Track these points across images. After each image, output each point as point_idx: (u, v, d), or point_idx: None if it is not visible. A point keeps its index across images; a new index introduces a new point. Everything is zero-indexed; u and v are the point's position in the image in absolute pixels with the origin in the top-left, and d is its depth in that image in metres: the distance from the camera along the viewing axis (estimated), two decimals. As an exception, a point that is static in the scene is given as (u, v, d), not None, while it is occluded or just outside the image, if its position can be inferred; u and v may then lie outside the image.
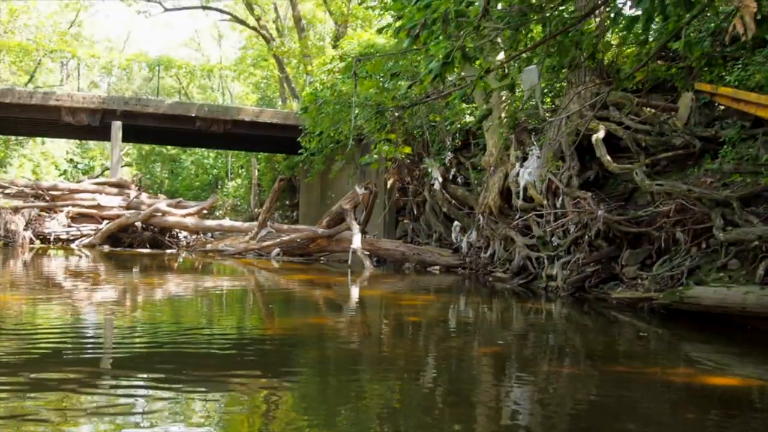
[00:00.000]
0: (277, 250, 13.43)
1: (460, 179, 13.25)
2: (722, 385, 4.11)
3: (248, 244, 14.02)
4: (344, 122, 12.25)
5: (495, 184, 10.89)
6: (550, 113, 10.73)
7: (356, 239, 12.11)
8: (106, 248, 14.91)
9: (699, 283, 6.52)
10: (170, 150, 34.75)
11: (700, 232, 7.18)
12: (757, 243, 6.27)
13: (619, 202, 8.65)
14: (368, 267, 11.56)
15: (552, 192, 9.46)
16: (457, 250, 12.21)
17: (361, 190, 12.94)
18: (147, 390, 3.51)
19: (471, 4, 3.04)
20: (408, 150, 12.73)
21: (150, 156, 36.57)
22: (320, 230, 13.26)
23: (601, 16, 7.24)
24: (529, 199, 10.06)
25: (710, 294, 5.99)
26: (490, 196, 10.91)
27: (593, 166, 9.36)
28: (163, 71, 29.24)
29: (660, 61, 8.78)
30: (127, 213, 15.70)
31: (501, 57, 8.46)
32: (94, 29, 55.33)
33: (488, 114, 8.78)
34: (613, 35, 8.63)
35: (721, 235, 6.64)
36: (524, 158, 10.21)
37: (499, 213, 10.80)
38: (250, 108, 21.42)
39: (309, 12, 26.52)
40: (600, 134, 8.88)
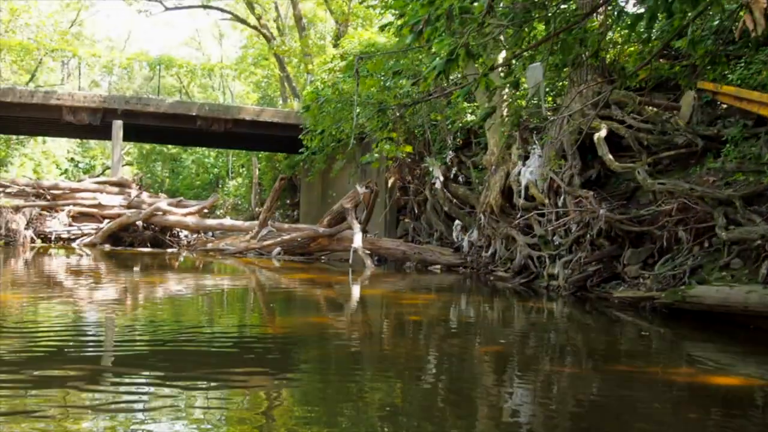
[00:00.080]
0: (278, 249, 13.42)
1: (461, 178, 13.23)
2: (724, 384, 4.10)
3: (249, 243, 14.01)
4: (346, 121, 12.22)
5: (496, 183, 10.87)
6: (551, 112, 10.71)
7: (357, 238, 12.10)
8: (107, 247, 14.91)
9: (701, 283, 6.50)
10: (171, 149, 34.74)
11: (703, 231, 7.16)
12: (759, 242, 6.25)
13: (621, 201, 8.62)
14: (369, 266, 11.54)
15: (554, 191, 9.44)
16: (458, 249, 12.20)
17: (362, 189, 12.92)
18: (148, 387, 3.51)
19: (475, 0, 3.02)
20: (409, 149, 12.72)
21: (151, 155, 36.56)
22: (321, 229, 13.25)
23: (603, 14, 7.23)
24: (530, 198, 10.04)
25: (713, 293, 5.97)
26: (492, 195, 10.89)
27: (595, 164, 9.34)
28: (164, 70, 29.23)
29: (662, 59, 8.76)
30: (128, 212, 15.69)
31: (503, 55, 8.45)
32: (94, 28, 55.41)
33: (492, 112, 8.70)
34: (615, 33, 8.61)
35: (723, 234, 6.62)
36: (526, 157, 10.19)
37: (501, 212, 10.78)
38: (250, 107, 21.40)
39: (310, 11, 26.51)
40: (602, 133, 8.85)
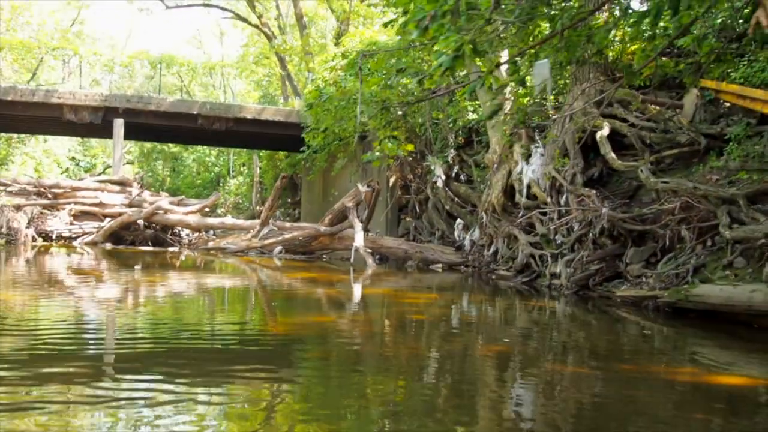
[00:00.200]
0: (280, 247, 13.40)
1: (462, 177, 13.20)
2: (728, 384, 4.07)
3: (250, 242, 14.00)
4: (348, 119, 12.20)
5: (498, 182, 10.84)
6: (553, 111, 10.68)
7: (359, 237, 12.08)
8: (109, 246, 14.90)
9: (705, 281, 6.48)
10: (172, 148, 34.74)
11: (706, 229, 7.13)
12: (763, 241, 6.22)
13: (623, 200, 8.60)
14: (371, 265, 11.53)
15: (556, 189, 9.41)
16: (459, 248, 12.17)
17: (363, 188, 12.90)
18: (150, 384, 3.51)
19: (482, -4, 3.01)
20: (411, 147, 12.69)
21: (152, 154, 36.55)
22: (323, 228, 13.23)
23: (607, 11, 7.20)
24: (532, 197, 10.01)
25: (716, 292, 5.94)
26: (494, 194, 10.86)
27: (597, 163, 9.31)
28: (165, 69, 29.25)
29: (665, 57, 8.72)
30: (129, 211, 15.68)
31: (505, 53, 8.42)
32: (95, 27, 55.48)
33: (498, 109, 8.70)
34: (617, 31, 8.57)
35: (727, 233, 6.60)
36: (528, 155, 10.17)
37: (503, 211, 10.75)
38: (251, 106, 21.39)
39: (311, 9, 26.49)
40: (604, 131, 8.83)
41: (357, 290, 9.01)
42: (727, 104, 8.28)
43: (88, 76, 30.89)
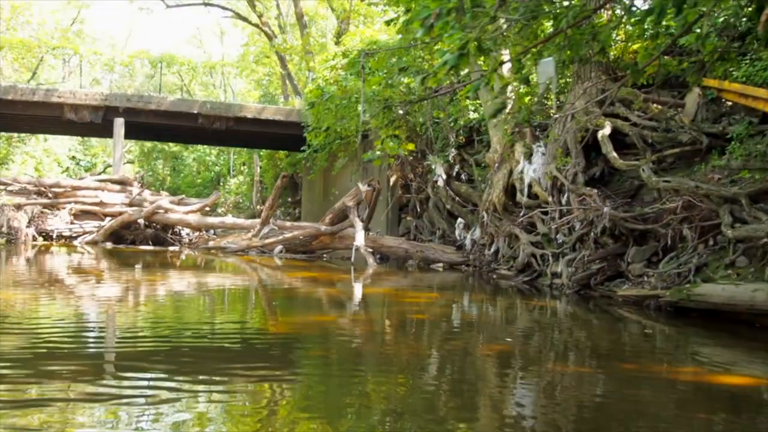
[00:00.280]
0: (280, 247, 13.39)
1: (463, 176, 13.19)
2: (731, 383, 4.06)
3: (251, 241, 13.99)
4: (350, 118, 12.17)
5: (499, 181, 10.82)
6: (554, 110, 10.66)
7: (359, 236, 12.06)
8: (109, 245, 14.89)
9: (706, 281, 6.46)
10: (172, 147, 34.71)
11: (708, 229, 7.12)
12: (765, 240, 6.20)
13: (625, 199, 8.58)
14: (371, 264, 11.51)
15: (557, 188, 9.40)
16: (460, 248, 12.16)
17: (364, 187, 12.88)
18: (150, 382, 3.51)
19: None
20: (411, 146, 12.66)
21: (152, 153, 36.52)
22: (323, 227, 13.21)
23: (610, 10, 7.17)
24: (533, 196, 9.99)
25: (718, 291, 5.93)
26: (495, 193, 10.84)
27: (599, 162, 9.29)
28: (166, 68, 29.22)
29: (667, 56, 8.70)
30: (129, 210, 15.68)
31: (505, 52, 8.40)
32: (96, 26, 55.48)
33: (503, 107, 8.66)
34: (618, 30, 8.55)
35: (729, 232, 6.58)
36: (530, 154, 10.15)
37: (504, 210, 10.73)
38: (252, 105, 21.38)
39: (311, 9, 26.47)
40: (606, 131, 8.81)
41: (358, 289, 8.99)
42: (729, 103, 8.26)
43: (88, 76, 30.88)
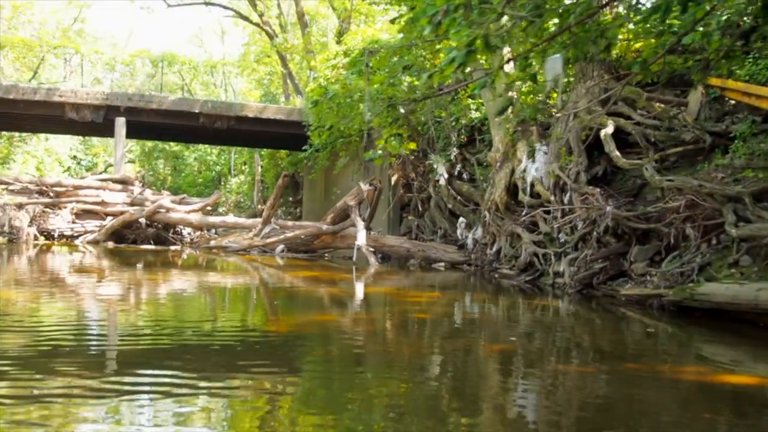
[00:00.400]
0: (281, 246, 13.38)
1: (465, 175, 13.17)
2: (734, 383, 4.04)
3: (252, 240, 13.98)
4: (353, 117, 12.15)
5: (501, 180, 10.80)
6: (557, 109, 10.63)
7: (361, 236, 12.05)
8: (110, 244, 14.89)
9: (710, 280, 6.43)
10: (173, 146, 34.72)
11: (711, 228, 7.09)
12: (769, 239, 6.18)
13: (627, 198, 8.56)
14: (373, 263, 11.50)
15: (559, 188, 9.37)
16: (462, 247, 12.14)
17: (365, 187, 12.86)
18: (151, 379, 3.51)
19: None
20: (413, 146, 12.65)
21: (153, 152, 36.52)
22: (324, 227, 13.20)
23: (615, 8, 7.15)
24: (536, 195, 9.97)
25: (722, 291, 5.90)
26: (497, 192, 10.82)
27: (601, 161, 9.26)
28: (167, 67, 29.21)
29: (671, 55, 8.67)
30: (130, 209, 15.67)
31: (506, 51, 8.38)
32: (97, 26, 55.49)
33: (509, 105, 8.63)
34: (621, 29, 8.52)
35: (733, 231, 6.56)
36: (532, 153, 10.12)
37: (506, 209, 10.71)
38: (253, 104, 21.36)
39: (312, 8, 26.44)
40: (609, 129, 8.78)
41: (359, 289, 8.98)
42: (732, 102, 8.23)
43: (89, 75, 30.91)
